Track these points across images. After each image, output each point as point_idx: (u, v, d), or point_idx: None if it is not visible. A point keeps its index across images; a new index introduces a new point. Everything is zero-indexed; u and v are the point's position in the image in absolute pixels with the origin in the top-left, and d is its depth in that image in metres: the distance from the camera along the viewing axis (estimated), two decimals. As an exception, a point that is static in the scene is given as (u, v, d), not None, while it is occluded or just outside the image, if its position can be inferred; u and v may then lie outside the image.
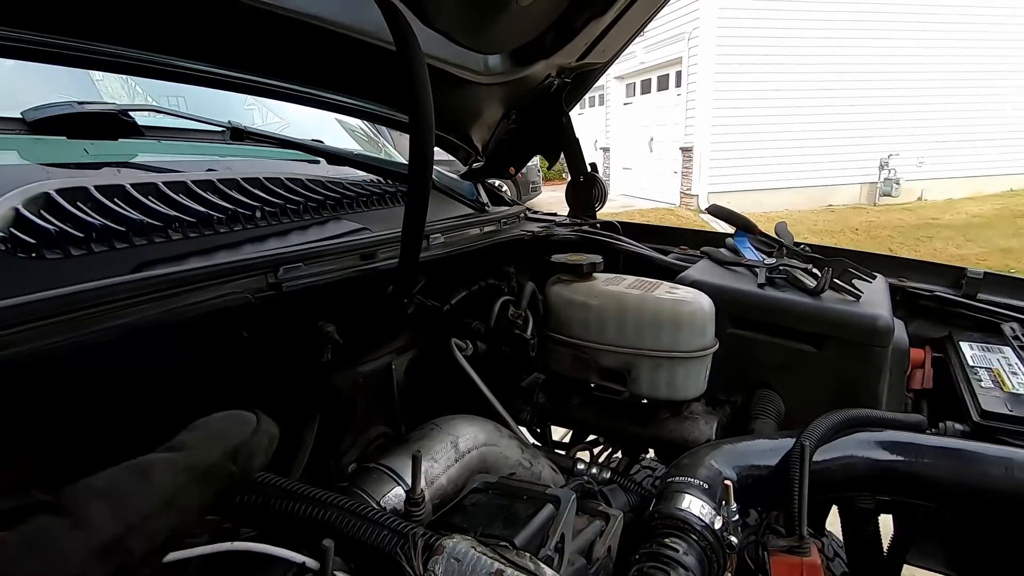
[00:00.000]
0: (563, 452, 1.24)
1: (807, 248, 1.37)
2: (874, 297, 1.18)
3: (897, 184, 11.48)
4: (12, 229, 0.66)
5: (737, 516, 0.75)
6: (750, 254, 1.43)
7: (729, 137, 10.71)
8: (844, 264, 1.18)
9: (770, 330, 1.19)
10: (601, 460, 1.29)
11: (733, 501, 0.75)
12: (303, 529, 0.58)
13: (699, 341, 1.07)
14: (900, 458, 0.90)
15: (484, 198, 1.76)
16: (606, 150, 14.11)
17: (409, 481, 0.74)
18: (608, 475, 1.09)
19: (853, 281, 1.17)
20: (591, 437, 1.39)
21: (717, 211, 1.52)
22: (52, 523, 0.24)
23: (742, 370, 1.22)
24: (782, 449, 0.91)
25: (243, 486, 0.29)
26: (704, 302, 1.07)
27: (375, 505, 0.70)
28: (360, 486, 0.71)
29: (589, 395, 1.22)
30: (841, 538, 1.25)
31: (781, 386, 1.19)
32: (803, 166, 11.14)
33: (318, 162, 1.37)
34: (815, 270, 1.23)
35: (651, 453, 1.39)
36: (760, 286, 1.22)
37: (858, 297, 1.15)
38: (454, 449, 0.81)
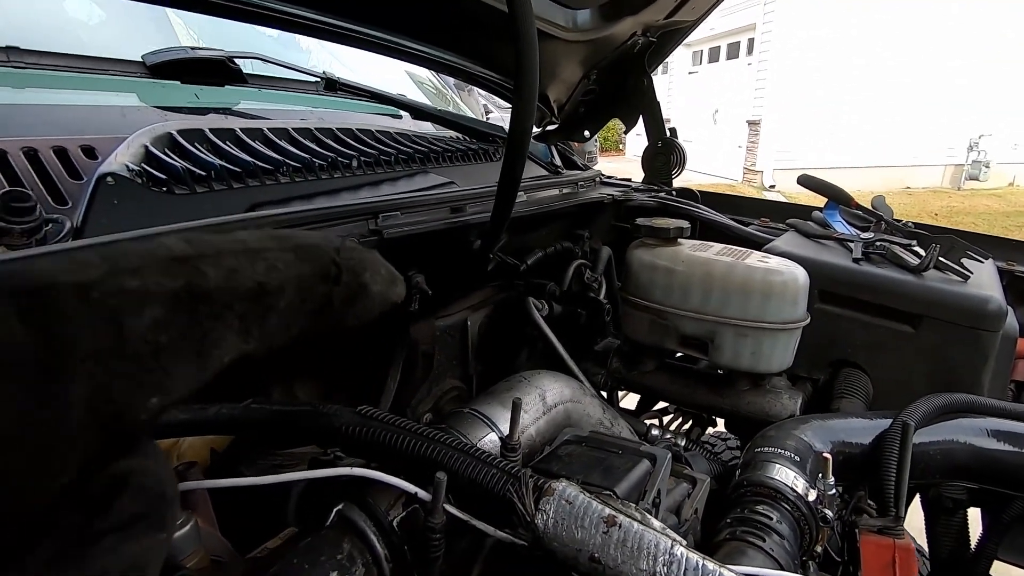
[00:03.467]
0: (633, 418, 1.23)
1: (910, 224, 1.28)
2: (984, 279, 1.10)
3: (986, 167, 10.61)
4: (144, 165, 0.70)
5: (834, 490, 0.73)
6: (841, 227, 1.35)
7: (801, 110, 10.11)
8: (953, 241, 1.10)
9: (862, 307, 1.13)
10: (672, 428, 1.28)
11: (831, 475, 0.73)
12: (411, 464, 0.60)
13: (789, 313, 1.03)
14: (1008, 448, 0.85)
15: (558, 161, 1.74)
16: (667, 120, 13.56)
17: (502, 428, 0.76)
18: (684, 442, 1.08)
19: (962, 260, 1.09)
20: (660, 405, 1.38)
21: (807, 181, 1.44)
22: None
23: (827, 347, 1.18)
24: (877, 428, 0.88)
25: (348, 308, 0.25)
26: (798, 273, 1.02)
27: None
28: (456, 429, 0.73)
29: (664, 362, 1.20)
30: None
31: (870, 366, 1.14)
32: (880, 144, 10.42)
33: (400, 116, 1.38)
34: (918, 248, 1.16)
35: (720, 425, 1.37)
36: (855, 261, 1.15)
37: (966, 278, 1.07)
38: (542, 402, 0.82)
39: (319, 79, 1.17)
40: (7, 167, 0.62)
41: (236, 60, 0.99)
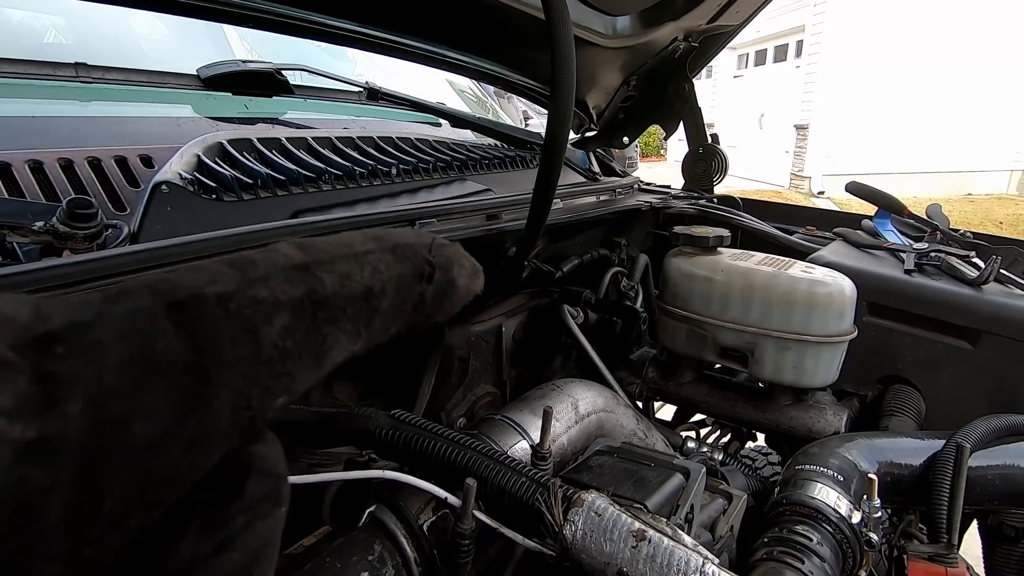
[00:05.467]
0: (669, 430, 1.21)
1: (968, 234, 1.22)
2: (1051, 293, 1.03)
3: (1057, 172, 9.94)
4: (196, 173, 0.73)
5: (880, 513, 0.69)
6: (893, 237, 1.29)
7: (852, 113, 9.72)
8: (1016, 253, 1.04)
9: (915, 321, 1.08)
10: (709, 441, 1.25)
11: (876, 497, 0.70)
12: (441, 469, 0.61)
13: (835, 326, 0.99)
14: (1077, 475, 0.80)
15: (596, 167, 1.73)
16: (710, 126, 13.31)
17: (533, 436, 0.76)
18: (721, 456, 1.05)
19: (1025, 273, 1.03)
20: (697, 417, 1.35)
21: (857, 188, 1.39)
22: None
23: (877, 363, 1.13)
24: (928, 449, 0.83)
25: (438, 305, 0.26)
26: (845, 284, 0.98)
27: (502, 455, 0.72)
28: (488, 436, 0.73)
29: (702, 373, 1.17)
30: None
31: (923, 384, 1.08)
32: (939, 148, 9.90)
33: (439, 124, 1.40)
34: (977, 259, 1.09)
35: (760, 439, 1.33)
36: (907, 272, 1.10)
37: (1030, 291, 1.01)
38: (574, 411, 0.82)
39: (362, 89, 1.20)
40: (73, 175, 0.67)
41: (283, 72, 1.03)
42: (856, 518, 0.71)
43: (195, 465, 0.19)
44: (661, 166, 13.64)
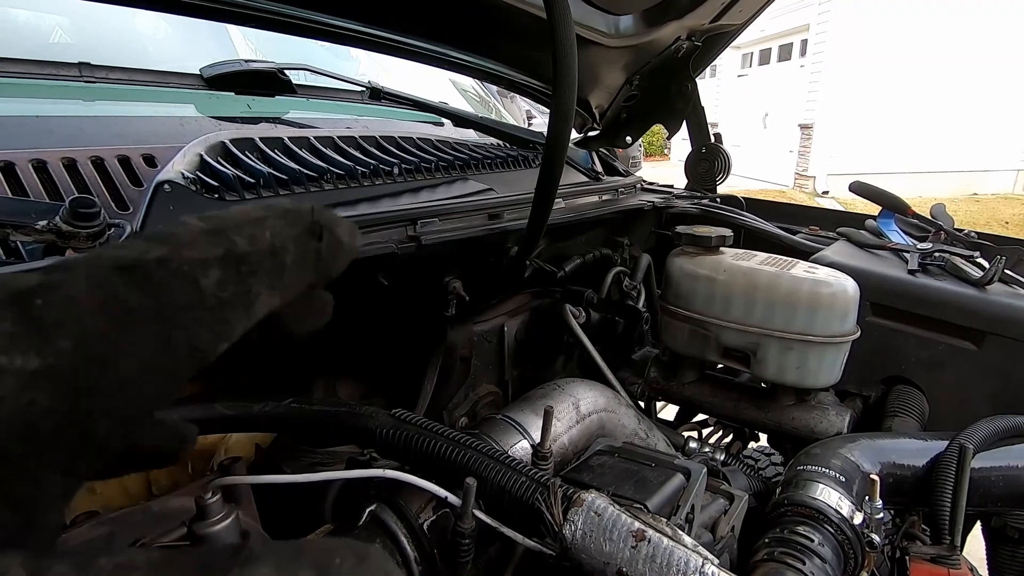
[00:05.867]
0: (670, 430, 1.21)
1: (972, 234, 1.21)
2: (1056, 293, 1.02)
3: (1064, 172, 9.87)
4: (198, 173, 0.73)
5: (882, 514, 0.69)
6: (897, 237, 1.29)
7: (857, 113, 9.67)
8: (1021, 253, 1.03)
9: (919, 322, 1.08)
10: (711, 441, 1.24)
11: (878, 498, 0.69)
12: (442, 468, 0.61)
13: (838, 326, 0.98)
14: (1081, 476, 0.79)
15: (598, 167, 1.73)
16: (713, 125, 13.29)
17: (534, 435, 0.76)
18: (723, 457, 1.05)
19: (1031, 273, 1.02)
20: (700, 417, 1.34)
21: (860, 188, 1.38)
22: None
23: (880, 363, 1.12)
24: (931, 450, 0.83)
25: (333, 260, 0.29)
26: (848, 285, 0.98)
27: (503, 455, 0.72)
28: (489, 435, 0.73)
29: (705, 373, 1.17)
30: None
31: (927, 384, 1.08)
32: (945, 148, 9.85)
33: (442, 124, 1.40)
34: (982, 259, 1.09)
35: (763, 439, 1.32)
36: (911, 272, 1.10)
37: (1035, 292, 1.00)
38: (575, 411, 0.82)
39: (364, 88, 1.20)
40: (76, 174, 0.67)
41: (286, 71, 1.03)
42: (858, 519, 0.71)
43: (163, 397, 0.23)
44: (665, 165, 13.62)
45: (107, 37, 1.15)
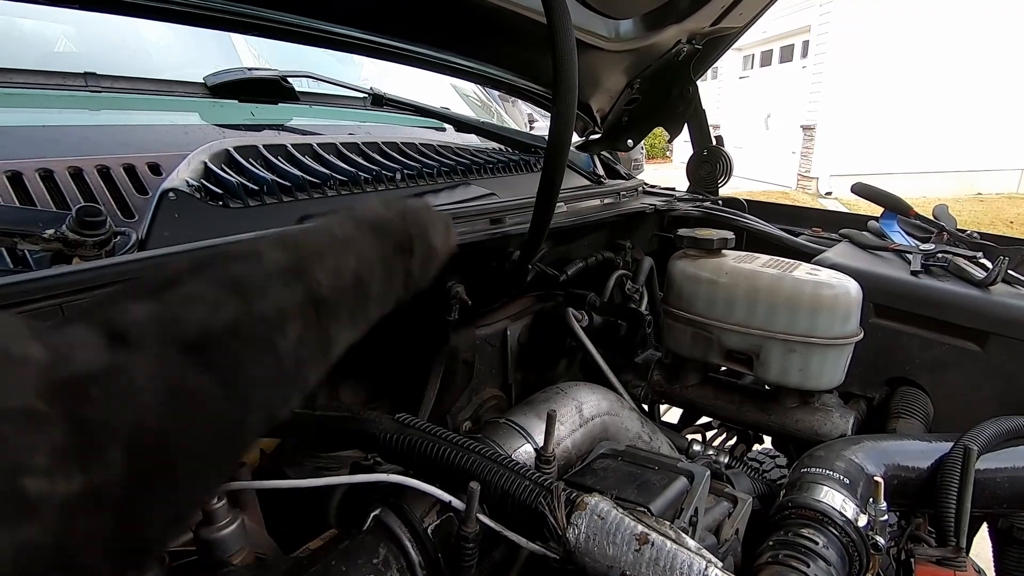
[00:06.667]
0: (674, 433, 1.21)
1: (975, 235, 1.21)
2: (1060, 293, 1.02)
3: (1069, 171, 9.81)
4: (203, 180, 0.74)
5: (887, 516, 0.69)
6: (899, 238, 1.29)
7: (860, 113, 9.65)
8: (1024, 253, 1.03)
9: (922, 323, 1.07)
10: (715, 444, 1.24)
11: (883, 500, 0.69)
12: (445, 472, 0.61)
13: (840, 328, 0.98)
14: (1087, 477, 0.79)
15: (600, 170, 1.73)
16: (715, 127, 13.28)
17: (537, 439, 0.76)
18: (726, 459, 1.05)
19: (1034, 273, 1.02)
20: (703, 420, 1.34)
21: (862, 189, 1.38)
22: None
23: (883, 365, 1.12)
24: (936, 452, 0.83)
25: (423, 273, 0.26)
26: (851, 286, 0.98)
27: (506, 459, 0.72)
28: (492, 439, 0.74)
29: (708, 376, 1.17)
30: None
31: (931, 386, 1.08)
32: (948, 147, 9.81)
33: (444, 129, 1.41)
34: (985, 260, 1.09)
35: (767, 442, 1.32)
36: (914, 273, 1.10)
37: (1039, 292, 1.00)
38: (579, 414, 0.82)
39: (367, 95, 1.21)
40: (82, 183, 0.68)
41: (289, 79, 1.04)
42: (862, 521, 0.70)
43: (221, 478, 0.21)
44: (667, 168, 13.61)
45: (112, 46, 1.17)
